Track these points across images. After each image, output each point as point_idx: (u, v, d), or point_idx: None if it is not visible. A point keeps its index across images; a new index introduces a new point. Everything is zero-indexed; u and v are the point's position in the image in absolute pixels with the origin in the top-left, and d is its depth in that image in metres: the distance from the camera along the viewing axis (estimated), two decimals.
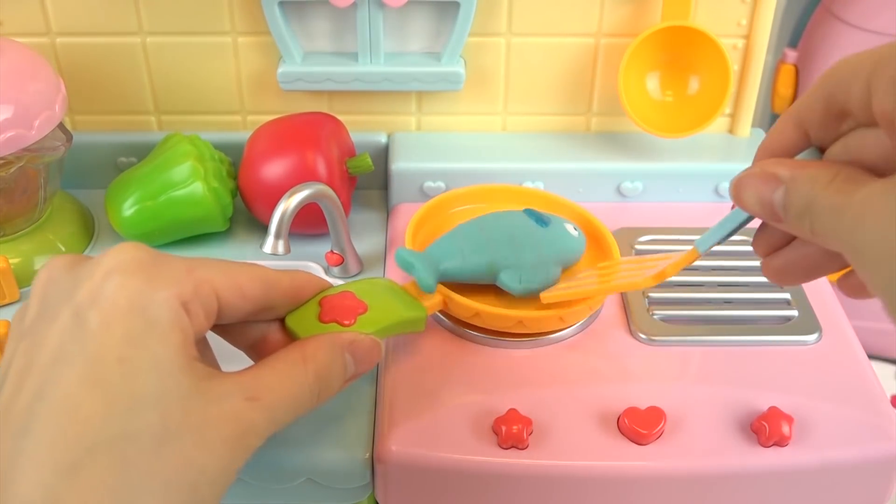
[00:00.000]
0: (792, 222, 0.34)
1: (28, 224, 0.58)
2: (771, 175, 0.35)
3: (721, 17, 0.62)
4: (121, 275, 0.33)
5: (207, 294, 0.35)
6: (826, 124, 0.36)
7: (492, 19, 0.62)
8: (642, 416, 0.46)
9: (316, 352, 0.38)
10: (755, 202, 0.35)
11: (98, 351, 0.31)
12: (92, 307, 0.32)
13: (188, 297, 0.34)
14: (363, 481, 0.47)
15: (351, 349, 0.40)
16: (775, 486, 0.46)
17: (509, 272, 0.50)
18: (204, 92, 0.65)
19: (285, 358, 0.37)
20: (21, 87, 0.53)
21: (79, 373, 0.31)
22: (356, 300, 0.43)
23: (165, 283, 0.34)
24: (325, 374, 0.38)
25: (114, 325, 0.32)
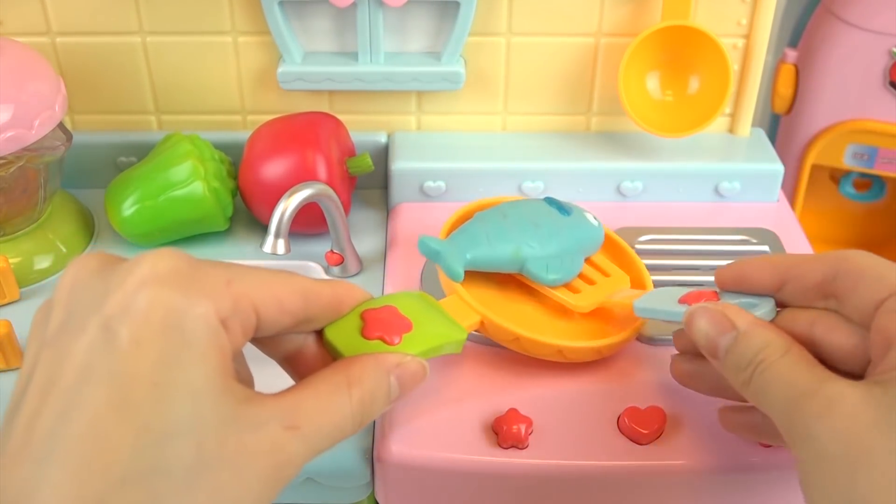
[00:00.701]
0: (727, 367, 0.38)
1: (28, 223, 0.58)
2: (727, 321, 0.38)
3: (721, 17, 0.62)
4: (155, 286, 0.30)
5: (246, 309, 0.32)
6: (809, 292, 0.40)
7: (492, 19, 0.62)
8: (642, 416, 0.46)
9: (362, 375, 0.35)
10: (703, 336, 0.39)
11: (129, 372, 0.29)
12: (123, 321, 0.29)
13: (227, 313, 0.31)
14: (363, 481, 0.47)
15: (398, 373, 0.37)
16: (775, 486, 0.46)
17: (536, 262, 0.49)
18: (204, 92, 0.65)
19: (329, 381, 0.34)
20: (21, 86, 0.53)
21: (108, 396, 0.28)
22: (401, 316, 0.40)
23: (204, 297, 0.31)
24: (369, 400, 0.35)
25: (147, 344, 0.29)
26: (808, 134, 0.74)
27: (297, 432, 0.32)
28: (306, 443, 0.32)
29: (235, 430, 0.30)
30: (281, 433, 0.31)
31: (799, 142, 0.75)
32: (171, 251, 0.32)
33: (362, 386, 0.35)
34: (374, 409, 0.36)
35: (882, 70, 0.69)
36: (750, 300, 0.42)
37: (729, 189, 0.64)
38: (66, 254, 0.59)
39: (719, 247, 0.59)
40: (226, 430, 0.30)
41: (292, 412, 0.32)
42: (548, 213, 0.52)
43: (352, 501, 0.48)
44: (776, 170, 0.64)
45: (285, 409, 0.32)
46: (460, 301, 0.47)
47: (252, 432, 0.31)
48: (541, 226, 0.51)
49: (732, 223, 0.61)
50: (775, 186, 0.64)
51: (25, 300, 0.56)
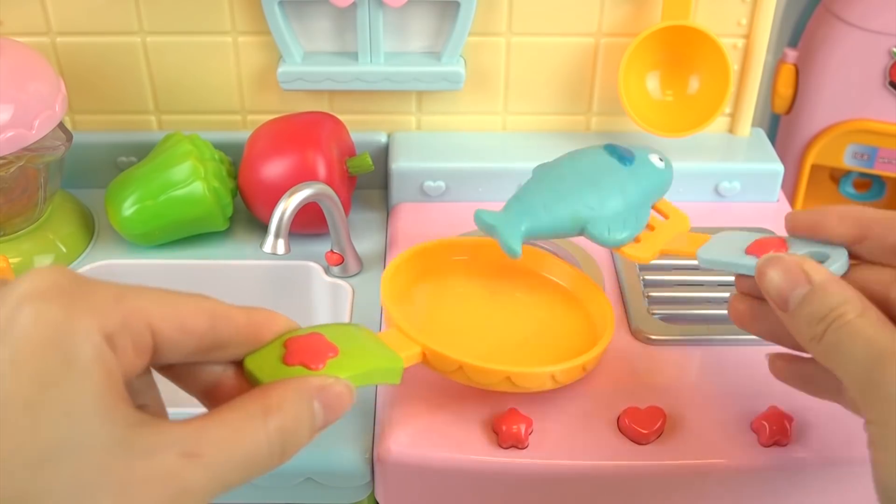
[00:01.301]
0: (798, 320, 0.37)
1: (28, 223, 0.58)
2: (803, 272, 0.37)
3: (721, 17, 0.62)
4: (35, 302, 0.28)
5: (139, 326, 0.30)
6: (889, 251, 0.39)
7: (492, 19, 0.62)
8: (642, 415, 0.46)
9: (281, 402, 0.32)
10: (775, 286, 0.38)
11: (5, 394, 0.27)
12: (2, 341, 0.27)
13: (114, 329, 0.29)
14: (363, 481, 0.47)
15: (320, 396, 0.33)
16: (775, 485, 0.46)
17: (596, 223, 0.47)
18: (204, 91, 0.65)
19: (241, 408, 0.31)
20: (21, 86, 0.53)
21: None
22: (326, 342, 0.37)
23: (88, 312, 0.28)
24: (290, 428, 0.32)
25: (24, 363, 0.27)
26: (808, 134, 0.74)
27: (197, 460, 0.29)
28: (209, 472, 0.29)
29: (122, 456, 0.28)
30: (177, 460, 0.29)
31: (799, 142, 0.75)
32: (56, 267, 0.30)
33: (282, 413, 0.32)
34: (298, 438, 0.33)
35: (882, 70, 0.69)
36: (822, 249, 0.40)
37: (729, 189, 0.64)
38: (66, 254, 0.59)
39: None
40: (109, 455, 0.28)
41: (194, 439, 0.29)
42: (608, 166, 0.49)
43: (352, 501, 0.48)
44: (776, 170, 0.64)
45: (186, 435, 0.29)
46: (399, 333, 0.44)
47: (142, 458, 0.28)
48: (600, 183, 0.48)
49: (732, 223, 0.61)
50: (775, 186, 0.64)
51: None
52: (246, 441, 0.30)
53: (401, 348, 0.42)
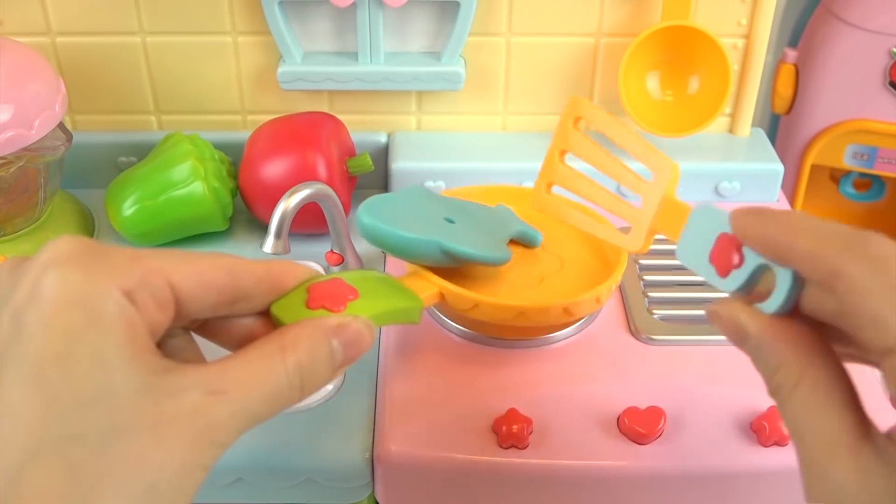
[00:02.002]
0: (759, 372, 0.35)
1: (28, 223, 0.58)
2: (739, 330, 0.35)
3: (721, 17, 0.62)
4: (57, 268, 0.31)
5: (158, 283, 0.32)
6: None
7: (492, 19, 0.62)
8: (642, 416, 0.46)
9: (297, 340, 0.34)
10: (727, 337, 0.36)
11: (37, 350, 0.30)
12: (29, 306, 0.30)
13: (133, 286, 0.31)
14: (363, 481, 0.47)
15: (338, 334, 0.35)
16: (775, 485, 0.46)
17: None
18: (204, 91, 0.65)
19: (261, 348, 0.34)
20: (21, 86, 0.53)
21: (18, 375, 0.29)
22: (347, 286, 0.40)
23: (106, 273, 0.31)
24: (307, 364, 0.34)
25: (52, 323, 0.30)
26: (808, 134, 0.74)
27: (223, 396, 0.31)
28: (234, 407, 0.31)
29: (151, 398, 0.30)
30: (204, 398, 0.31)
31: (799, 142, 0.74)
32: (72, 237, 0.32)
33: (297, 350, 0.34)
34: (316, 375, 0.35)
35: (882, 70, 0.69)
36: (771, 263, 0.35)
37: (729, 189, 0.64)
38: None
39: None
40: (141, 397, 0.30)
41: (217, 378, 0.32)
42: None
43: (352, 501, 0.48)
44: (776, 170, 0.64)
45: (209, 375, 0.32)
46: (417, 275, 0.47)
47: (170, 399, 0.30)
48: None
49: None
50: (775, 186, 0.64)
51: None
52: (266, 377, 0.33)
53: (420, 289, 0.44)
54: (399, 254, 0.47)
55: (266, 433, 0.46)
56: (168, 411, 0.30)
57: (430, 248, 0.46)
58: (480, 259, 0.48)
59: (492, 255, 0.48)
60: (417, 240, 0.46)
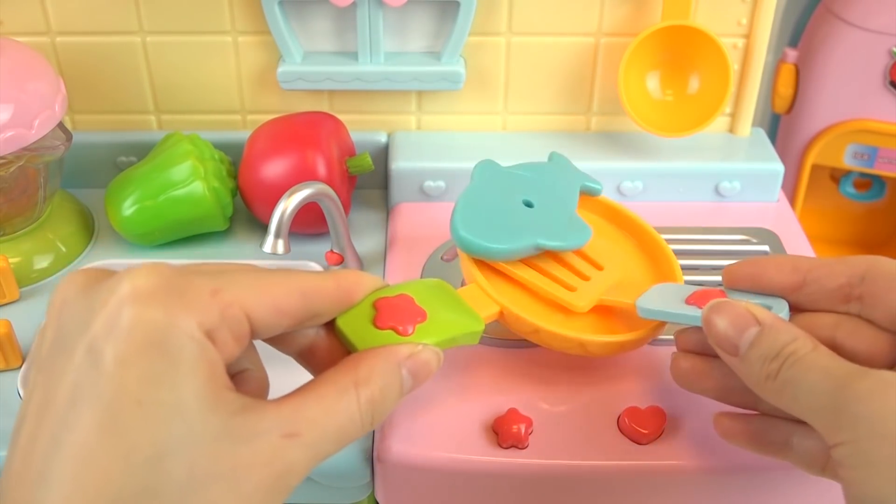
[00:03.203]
0: (749, 361, 0.37)
1: (28, 223, 0.58)
2: (750, 315, 0.38)
3: (721, 17, 0.62)
4: (137, 303, 0.30)
5: (236, 317, 0.31)
6: (831, 295, 0.40)
7: (492, 19, 0.62)
8: (642, 415, 0.46)
9: (370, 374, 0.34)
10: (722, 331, 0.38)
11: (115, 393, 0.28)
12: (107, 341, 0.29)
13: (214, 325, 0.30)
14: (363, 481, 0.47)
15: (409, 364, 0.35)
16: (775, 485, 0.46)
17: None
18: (204, 91, 0.65)
19: (334, 383, 0.33)
20: (21, 86, 0.53)
21: (95, 418, 0.28)
22: (415, 306, 0.39)
23: (186, 310, 0.30)
24: (379, 399, 0.34)
25: (131, 363, 0.29)
26: (809, 134, 0.74)
27: (297, 440, 0.31)
28: (309, 450, 0.31)
29: (229, 444, 0.30)
30: (280, 442, 0.30)
31: (799, 142, 0.74)
32: (153, 265, 0.31)
33: (371, 385, 0.34)
34: (385, 407, 0.34)
35: (882, 70, 0.69)
36: (762, 300, 0.41)
37: (729, 189, 0.64)
38: (65, 254, 0.59)
39: (719, 247, 0.59)
40: (218, 445, 0.29)
41: (292, 419, 0.31)
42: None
43: (352, 501, 0.48)
44: (776, 169, 0.64)
45: (284, 416, 0.31)
46: (479, 291, 0.46)
47: (247, 444, 0.30)
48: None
49: (732, 223, 0.61)
50: (775, 186, 0.64)
51: (25, 300, 0.56)
52: (340, 415, 0.32)
53: (481, 307, 0.44)
54: (496, 259, 0.47)
55: None
56: (245, 458, 0.30)
57: (526, 251, 0.47)
58: (571, 248, 0.48)
59: (578, 242, 0.48)
60: (516, 249, 0.47)
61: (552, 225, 0.49)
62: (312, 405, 0.32)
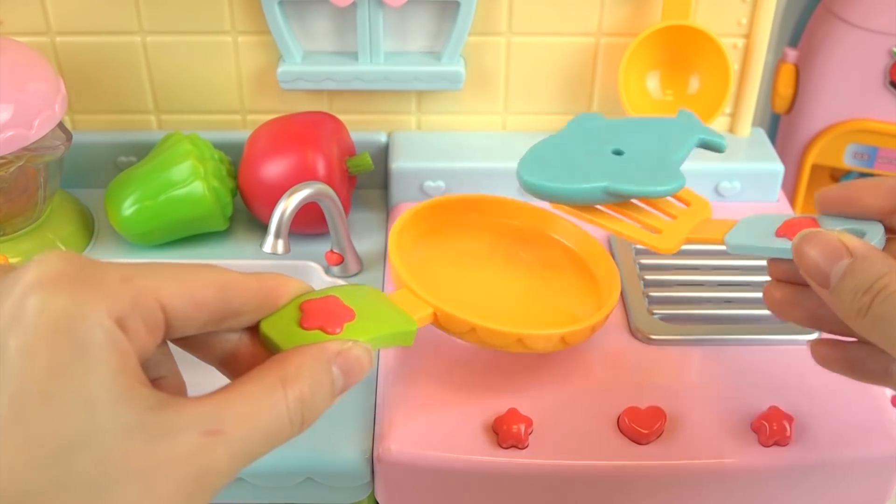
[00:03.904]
0: (841, 294, 0.35)
1: (28, 223, 0.58)
2: (842, 245, 0.36)
3: (721, 17, 0.62)
4: (42, 291, 0.28)
5: (149, 306, 0.30)
6: None
7: (492, 19, 0.62)
8: (642, 415, 0.46)
9: (299, 371, 0.32)
10: (813, 263, 0.36)
11: (19, 384, 0.27)
12: (11, 331, 0.27)
13: (125, 312, 0.29)
14: (363, 481, 0.47)
15: (339, 361, 0.33)
16: (775, 485, 0.46)
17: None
18: (204, 91, 0.65)
19: (260, 380, 0.31)
20: (21, 86, 0.53)
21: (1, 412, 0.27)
22: (342, 306, 0.37)
23: (95, 297, 0.28)
24: (308, 397, 0.32)
25: (36, 353, 0.27)
26: (809, 134, 0.74)
27: (220, 437, 0.29)
28: (232, 448, 0.29)
29: (144, 440, 0.28)
30: (200, 439, 0.28)
31: (799, 141, 0.75)
32: (60, 253, 0.29)
33: (300, 382, 0.32)
34: (316, 406, 0.32)
35: (882, 70, 0.69)
36: (856, 226, 0.39)
37: (729, 189, 0.64)
38: None
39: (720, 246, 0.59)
40: (131, 440, 0.27)
41: (214, 416, 0.29)
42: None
43: (352, 501, 0.48)
44: (776, 169, 0.64)
45: (206, 413, 0.29)
46: (410, 294, 0.45)
47: (164, 440, 0.28)
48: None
49: None
50: (775, 186, 0.64)
51: None
52: (266, 414, 0.30)
53: (413, 310, 0.43)
54: (567, 202, 0.47)
55: None
56: (161, 454, 0.28)
57: (595, 194, 0.47)
58: (648, 193, 0.47)
59: (658, 189, 0.47)
60: (581, 189, 0.46)
61: (636, 171, 0.47)
62: (237, 402, 0.30)
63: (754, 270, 0.56)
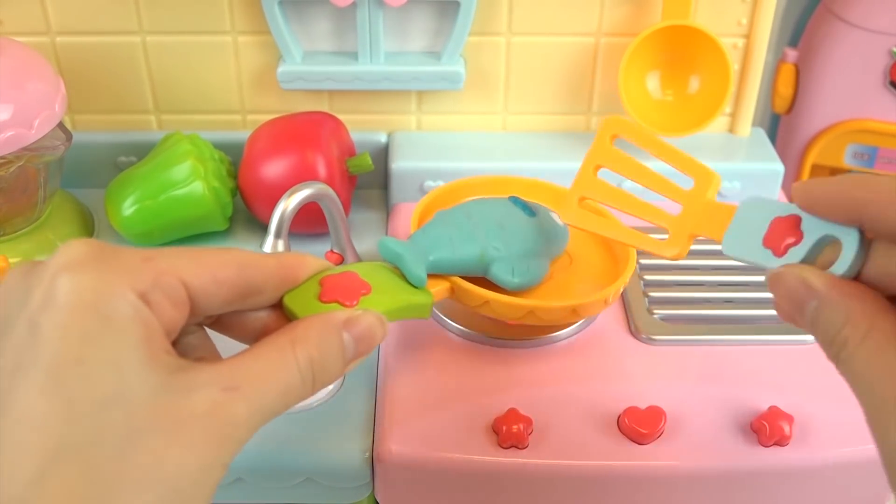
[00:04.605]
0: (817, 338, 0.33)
1: (28, 223, 0.58)
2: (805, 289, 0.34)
3: (721, 17, 0.62)
4: (70, 272, 0.31)
5: (171, 283, 0.33)
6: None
7: (492, 19, 0.62)
8: (642, 415, 0.46)
9: (307, 333, 0.34)
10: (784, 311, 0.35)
11: (53, 355, 0.30)
12: (44, 311, 0.31)
13: (146, 287, 0.32)
14: (363, 481, 0.47)
15: (349, 327, 0.36)
16: (775, 485, 0.46)
17: (501, 264, 0.47)
18: (204, 91, 0.65)
19: (272, 343, 0.34)
20: (21, 86, 0.53)
21: (36, 380, 0.30)
22: (360, 280, 0.40)
23: (119, 275, 0.31)
24: (318, 358, 0.34)
25: (68, 327, 0.30)
26: (809, 134, 0.74)
27: (237, 392, 0.32)
28: (250, 402, 0.32)
29: (168, 397, 0.30)
30: (219, 394, 0.31)
31: (799, 141, 0.75)
32: (83, 240, 0.33)
33: (308, 343, 0.34)
34: (328, 368, 0.35)
35: (882, 70, 0.69)
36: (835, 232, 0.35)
37: (729, 189, 0.64)
38: None
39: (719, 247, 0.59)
40: (157, 398, 0.30)
41: (231, 374, 0.32)
42: (512, 213, 0.50)
43: (352, 501, 0.48)
44: (776, 169, 0.64)
45: (223, 372, 0.32)
46: None
47: (187, 396, 0.31)
48: (506, 227, 0.49)
49: None
50: (775, 186, 0.64)
51: None
52: (279, 371, 0.33)
53: (430, 284, 0.45)
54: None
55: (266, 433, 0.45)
56: (184, 410, 0.30)
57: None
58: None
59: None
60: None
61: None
62: (251, 362, 0.33)
63: (754, 270, 0.56)
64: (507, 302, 0.46)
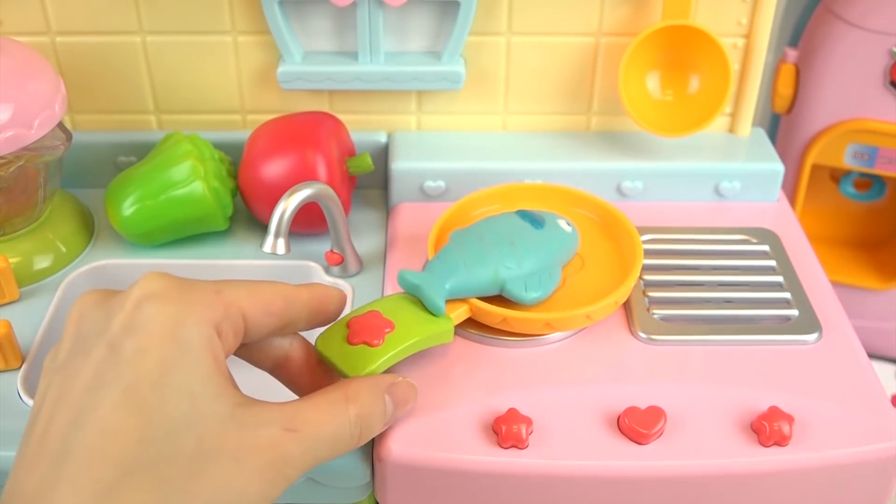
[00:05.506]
0: None
1: (28, 223, 0.58)
2: None
3: (721, 17, 0.62)
4: (153, 302, 0.34)
5: (236, 314, 0.36)
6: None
7: (492, 19, 0.62)
8: (642, 415, 0.46)
9: (358, 392, 0.38)
10: None
11: (134, 377, 0.32)
12: (127, 336, 0.33)
13: (219, 319, 0.35)
14: (363, 481, 0.47)
15: (391, 391, 0.40)
16: (775, 486, 0.46)
17: (514, 282, 0.49)
18: (204, 91, 0.65)
19: (326, 396, 0.37)
20: (21, 86, 0.53)
21: (115, 398, 0.32)
22: (383, 319, 0.44)
23: (197, 307, 0.34)
24: (366, 415, 0.38)
25: (149, 352, 0.32)
26: (809, 133, 0.74)
27: (295, 434, 0.34)
28: (305, 445, 0.34)
29: (235, 428, 0.33)
30: (280, 433, 0.34)
31: (799, 141, 0.75)
32: (161, 274, 0.36)
33: (359, 401, 0.38)
34: (372, 425, 0.39)
35: (882, 70, 0.69)
36: None
37: (729, 189, 0.64)
38: (65, 254, 0.59)
39: (719, 247, 0.59)
40: (226, 426, 0.33)
41: (291, 417, 0.35)
42: (521, 228, 0.52)
43: (352, 501, 0.48)
44: (776, 169, 0.64)
45: (285, 413, 0.35)
46: None
47: (251, 430, 0.33)
48: (516, 244, 0.51)
49: (732, 223, 0.61)
50: (775, 186, 0.64)
51: (25, 300, 0.56)
52: (332, 422, 0.36)
53: (450, 309, 0.48)
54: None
55: None
56: (249, 440, 0.33)
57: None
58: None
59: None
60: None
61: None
62: (309, 410, 0.36)
63: (754, 271, 0.56)
64: (524, 318, 0.49)
